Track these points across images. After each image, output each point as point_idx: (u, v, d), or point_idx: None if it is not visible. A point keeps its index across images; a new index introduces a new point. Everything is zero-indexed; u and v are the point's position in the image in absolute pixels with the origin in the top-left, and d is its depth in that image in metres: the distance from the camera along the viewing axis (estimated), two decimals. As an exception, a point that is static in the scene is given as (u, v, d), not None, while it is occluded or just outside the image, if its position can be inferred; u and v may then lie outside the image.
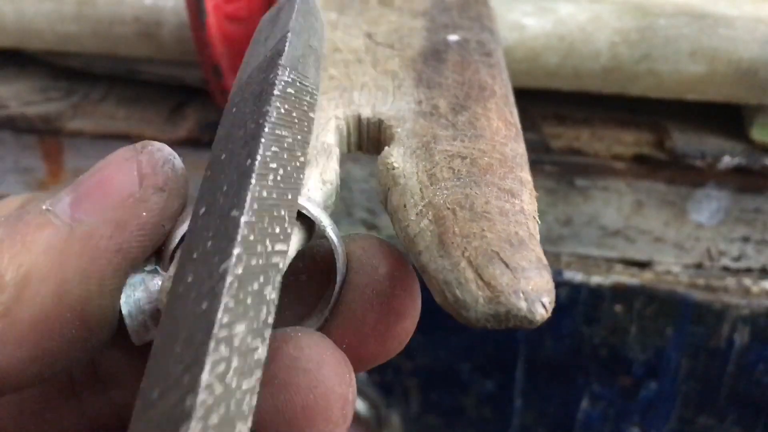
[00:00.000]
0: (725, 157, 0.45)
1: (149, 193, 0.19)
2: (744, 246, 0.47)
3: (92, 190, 0.19)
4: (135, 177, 0.20)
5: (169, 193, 0.20)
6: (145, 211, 0.19)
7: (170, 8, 0.47)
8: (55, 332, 0.19)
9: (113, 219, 0.19)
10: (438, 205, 0.20)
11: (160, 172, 0.20)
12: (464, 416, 0.52)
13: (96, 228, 0.19)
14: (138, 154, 0.20)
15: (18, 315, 0.18)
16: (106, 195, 0.19)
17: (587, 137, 0.48)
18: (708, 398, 0.49)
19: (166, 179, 0.20)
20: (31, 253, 0.18)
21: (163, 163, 0.20)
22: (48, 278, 0.18)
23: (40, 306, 0.18)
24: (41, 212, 0.19)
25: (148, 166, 0.20)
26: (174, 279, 0.17)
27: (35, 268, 0.18)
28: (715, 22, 0.44)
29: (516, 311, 0.17)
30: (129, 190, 0.19)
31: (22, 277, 0.18)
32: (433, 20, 0.32)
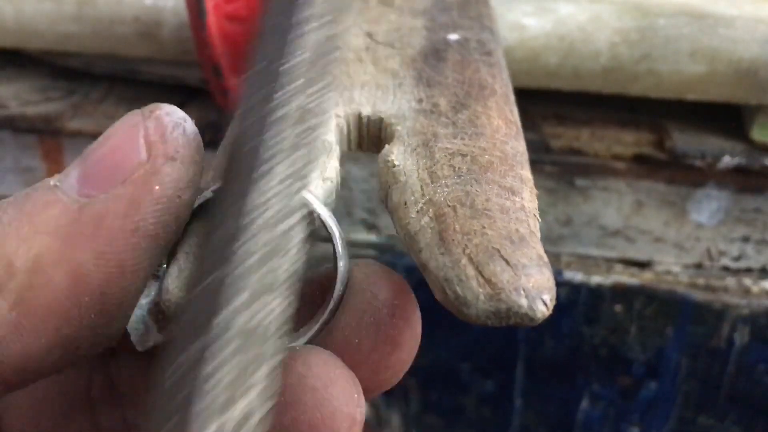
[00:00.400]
0: (725, 157, 0.45)
1: (159, 164, 0.18)
2: (744, 246, 0.47)
3: (100, 162, 0.18)
4: (142, 144, 0.18)
5: (181, 162, 0.18)
6: (158, 183, 0.18)
7: (170, 8, 0.47)
8: (74, 319, 0.18)
9: (124, 195, 0.18)
10: (438, 202, 0.20)
11: (170, 138, 0.18)
12: (464, 416, 0.52)
13: (107, 206, 0.18)
14: (145, 120, 0.18)
15: (32, 303, 0.17)
16: (115, 168, 0.18)
17: (587, 137, 0.48)
18: (708, 398, 0.49)
19: (176, 147, 0.18)
20: (40, 234, 0.17)
21: (172, 128, 0.18)
22: (61, 262, 0.17)
23: (55, 292, 0.17)
24: (49, 188, 0.18)
25: (156, 133, 0.18)
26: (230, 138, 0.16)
27: (46, 251, 0.17)
28: (715, 22, 0.44)
29: (517, 308, 0.17)
30: (136, 160, 0.18)
31: (33, 261, 0.17)
32: (433, 19, 0.32)
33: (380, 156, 0.23)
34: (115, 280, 0.18)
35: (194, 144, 0.19)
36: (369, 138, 0.25)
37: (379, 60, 0.28)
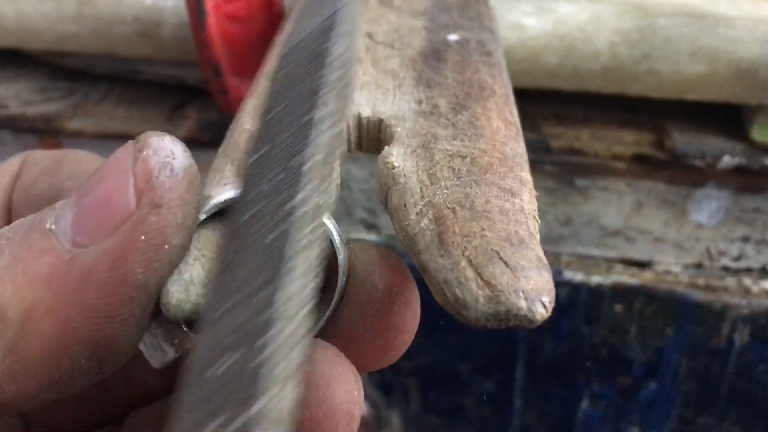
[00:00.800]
0: (725, 157, 0.45)
1: (145, 212, 0.18)
2: (744, 246, 0.47)
3: (91, 209, 0.18)
4: (131, 194, 0.18)
5: (167, 207, 0.18)
6: (143, 234, 0.18)
7: (170, 8, 0.47)
8: (65, 365, 0.18)
9: (111, 248, 0.18)
10: (438, 204, 0.20)
11: (156, 184, 0.18)
12: (464, 416, 0.52)
13: (95, 259, 0.18)
14: (134, 164, 0.18)
15: (24, 351, 0.18)
16: (105, 216, 0.18)
17: (587, 137, 0.48)
18: (708, 398, 0.49)
19: (162, 192, 0.18)
20: (33, 284, 0.18)
21: (159, 171, 0.18)
22: (51, 313, 0.18)
23: (46, 341, 0.18)
24: (44, 233, 0.18)
25: (143, 179, 0.18)
26: (236, 212, 0.17)
27: (38, 301, 0.18)
28: (715, 22, 0.44)
29: (516, 310, 0.17)
30: (126, 212, 0.18)
31: (25, 311, 0.18)
32: (433, 20, 0.32)
33: (380, 157, 0.23)
34: (102, 330, 0.18)
35: (183, 183, 0.18)
36: (369, 139, 0.25)
37: (378, 61, 0.28)
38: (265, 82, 0.21)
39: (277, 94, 0.20)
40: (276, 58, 0.22)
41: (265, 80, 0.22)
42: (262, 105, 0.21)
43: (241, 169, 0.21)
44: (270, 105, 0.20)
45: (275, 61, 0.22)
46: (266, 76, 0.22)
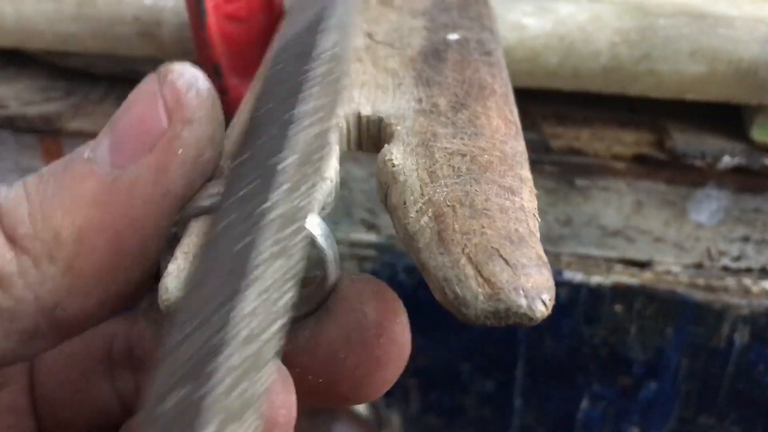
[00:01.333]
0: (725, 157, 0.45)
1: (179, 129, 0.19)
2: (744, 246, 0.47)
3: (127, 132, 0.20)
4: (162, 113, 0.19)
5: (198, 122, 0.19)
6: (181, 147, 0.19)
7: (170, 8, 0.47)
8: (119, 278, 0.19)
9: (152, 163, 0.19)
10: (438, 202, 0.20)
11: (185, 102, 0.19)
12: (464, 416, 0.52)
13: (138, 175, 0.19)
14: (161, 88, 0.20)
15: (80, 269, 0.19)
16: (141, 136, 0.19)
17: (587, 137, 0.48)
18: (708, 398, 0.49)
19: (192, 109, 0.19)
20: (81, 207, 0.19)
21: (186, 90, 0.20)
22: (102, 230, 0.19)
23: (99, 258, 0.19)
24: (84, 161, 0.19)
25: (172, 99, 0.19)
26: (212, 224, 0.17)
27: (88, 221, 0.19)
28: (715, 22, 0.44)
29: (516, 308, 0.17)
30: (160, 128, 0.19)
31: (77, 232, 0.19)
32: (433, 19, 0.32)
33: (380, 156, 0.23)
34: (152, 241, 0.19)
35: (208, 102, 0.20)
36: (368, 138, 0.25)
37: (378, 60, 0.28)
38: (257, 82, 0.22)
39: (265, 94, 0.20)
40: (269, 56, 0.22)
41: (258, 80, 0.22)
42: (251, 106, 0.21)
43: None
44: (257, 105, 0.20)
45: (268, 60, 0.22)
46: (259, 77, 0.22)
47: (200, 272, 0.16)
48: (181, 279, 0.19)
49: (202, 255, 0.17)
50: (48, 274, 0.19)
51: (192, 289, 0.16)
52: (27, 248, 0.19)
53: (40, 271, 0.19)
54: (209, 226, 0.20)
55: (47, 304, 0.19)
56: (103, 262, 0.19)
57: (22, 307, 0.19)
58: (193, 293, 0.16)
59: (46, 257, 0.19)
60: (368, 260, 0.48)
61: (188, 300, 0.16)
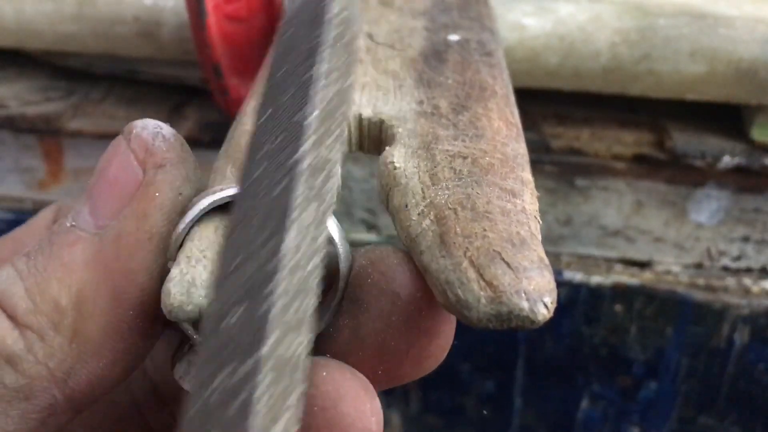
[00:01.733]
0: (725, 157, 0.45)
1: (152, 175, 0.20)
2: (744, 246, 0.47)
3: (104, 194, 0.20)
4: (136, 166, 0.20)
5: (170, 164, 0.20)
6: (157, 191, 0.20)
7: (170, 8, 0.47)
8: (125, 332, 0.20)
9: (132, 212, 0.20)
10: (439, 205, 0.20)
11: (155, 149, 0.20)
12: (464, 416, 0.53)
13: (121, 227, 0.20)
14: (129, 143, 0.21)
15: (86, 332, 0.19)
16: (118, 194, 0.20)
17: (587, 137, 0.48)
18: (708, 398, 0.49)
19: (162, 154, 0.20)
20: (74, 271, 0.19)
21: (152, 139, 0.20)
22: (99, 289, 0.19)
23: (102, 316, 0.19)
24: (67, 230, 0.20)
25: (141, 149, 0.20)
26: (243, 176, 0.18)
27: (84, 284, 0.19)
28: (715, 22, 0.44)
29: (518, 311, 0.17)
30: (136, 181, 0.20)
31: (75, 297, 0.19)
32: (433, 20, 0.32)
33: (381, 158, 0.23)
34: (148, 287, 0.20)
35: (177, 145, 0.21)
36: (369, 139, 0.25)
37: (379, 61, 0.28)
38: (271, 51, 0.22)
39: (279, 59, 0.21)
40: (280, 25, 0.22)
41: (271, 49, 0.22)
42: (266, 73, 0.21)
43: None
44: (272, 71, 0.20)
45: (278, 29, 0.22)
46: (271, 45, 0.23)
47: (237, 219, 0.17)
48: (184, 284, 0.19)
49: (236, 207, 0.18)
50: (55, 345, 0.19)
51: (231, 233, 0.17)
52: (30, 324, 0.19)
53: (47, 343, 0.19)
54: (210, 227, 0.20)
55: (60, 376, 0.19)
56: (107, 321, 0.19)
57: (36, 383, 0.19)
58: (236, 235, 0.17)
59: (50, 328, 0.19)
60: (368, 260, 0.48)
61: (231, 242, 0.16)
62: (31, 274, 0.20)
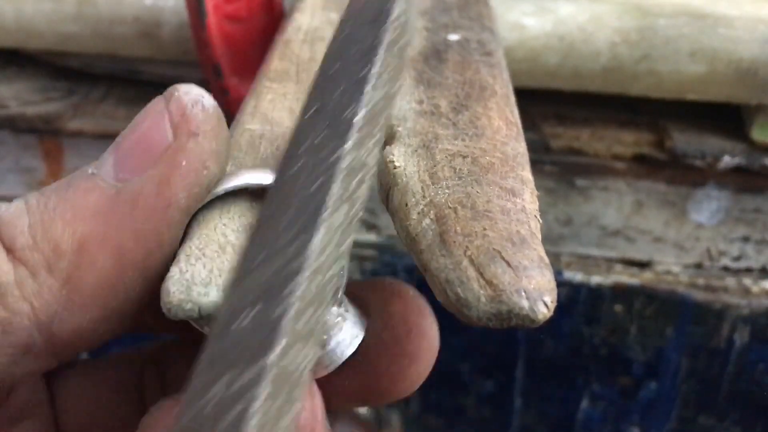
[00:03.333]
0: (725, 157, 0.45)
1: (184, 141, 0.19)
2: (744, 246, 0.47)
3: (132, 148, 0.20)
4: (168, 128, 0.20)
5: (203, 135, 0.20)
6: (184, 159, 0.19)
7: (170, 8, 0.47)
8: (120, 293, 0.19)
9: (156, 175, 0.19)
10: (439, 204, 0.20)
11: (191, 116, 0.20)
12: (464, 416, 0.53)
13: (141, 187, 0.19)
14: (168, 104, 0.20)
15: (80, 281, 0.19)
16: (145, 151, 0.20)
17: (587, 137, 0.48)
18: (708, 398, 0.49)
19: (197, 123, 0.20)
20: (82, 218, 0.19)
21: (192, 105, 0.20)
22: (104, 242, 0.19)
23: (100, 270, 0.19)
24: (87, 176, 0.20)
25: (178, 113, 0.20)
26: (280, 168, 0.18)
27: (90, 233, 0.19)
28: (715, 22, 0.44)
29: (518, 310, 0.17)
30: (165, 142, 0.20)
31: (78, 243, 0.19)
32: (433, 20, 0.32)
33: (381, 157, 0.23)
34: (155, 254, 0.19)
35: (214, 117, 0.20)
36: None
37: (379, 61, 0.28)
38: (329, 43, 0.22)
39: (333, 56, 0.20)
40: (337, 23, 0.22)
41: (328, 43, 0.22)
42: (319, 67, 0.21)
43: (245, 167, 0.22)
44: (324, 67, 0.20)
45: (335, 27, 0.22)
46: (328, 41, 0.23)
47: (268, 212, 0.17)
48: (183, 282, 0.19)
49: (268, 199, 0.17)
50: (45, 285, 0.19)
51: (259, 226, 0.17)
52: (25, 259, 0.19)
53: (37, 282, 0.19)
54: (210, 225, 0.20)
55: (43, 317, 0.19)
56: (104, 275, 0.19)
57: (17, 319, 0.19)
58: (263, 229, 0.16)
59: (44, 268, 0.19)
60: (368, 260, 0.48)
61: (257, 237, 0.16)
62: (39, 210, 0.19)
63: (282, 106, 0.26)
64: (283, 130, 0.24)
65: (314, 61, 0.29)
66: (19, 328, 0.19)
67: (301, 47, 0.30)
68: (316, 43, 0.31)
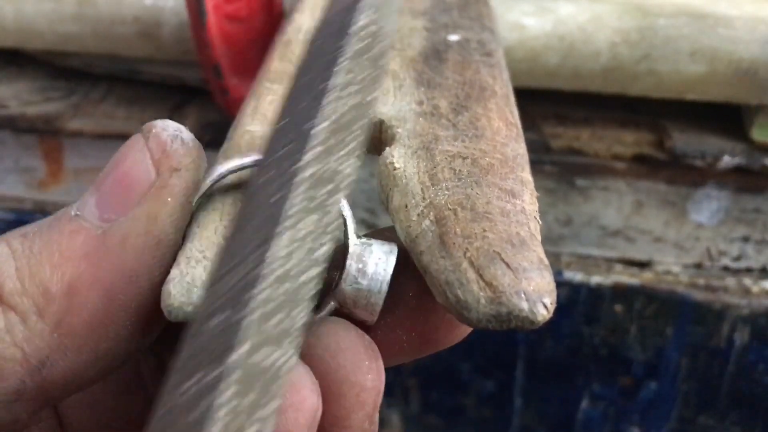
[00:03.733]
0: (725, 157, 0.45)
1: (167, 177, 0.19)
2: (744, 246, 0.47)
3: (114, 188, 0.20)
4: (150, 165, 0.20)
5: (185, 169, 0.20)
6: (170, 196, 0.19)
7: (170, 8, 0.47)
8: (110, 333, 0.19)
9: (143, 214, 0.19)
10: (439, 205, 0.20)
11: (171, 151, 0.20)
12: (464, 416, 0.53)
13: (129, 227, 0.19)
14: (147, 141, 0.20)
15: (71, 324, 0.19)
16: (128, 190, 0.19)
17: (587, 137, 0.48)
18: (708, 398, 0.49)
19: (178, 158, 0.20)
20: (71, 261, 0.19)
21: (171, 141, 0.20)
22: (94, 284, 0.19)
23: (91, 312, 0.19)
24: (70, 218, 0.19)
25: (158, 150, 0.20)
26: (251, 179, 0.18)
27: (79, 275, 0.19)
28: (715, 22, 0.44)
29: (517, 312, 0.17)
30: (148, 180, 0.19)
31: (67, 285, 0.19)
32: (433, 20, 0.32)
33: (381, 158, 0.23)
34: (145, 292, 0.19)
35: (194, 151, 0.20)
36: (369, 140, 0.25)
37: (379, 61, 0.28)
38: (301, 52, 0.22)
39: (302, 69, 0.20)
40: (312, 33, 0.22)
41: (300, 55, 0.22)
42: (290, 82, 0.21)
43: None
44: (295, 80, 0.20)
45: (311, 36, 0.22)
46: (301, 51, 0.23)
47: (238, 222, 0.17)
48: (184, 285, 0.19)
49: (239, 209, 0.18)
50: (36, 331, 0.18)
51: (231, 235, 0.17)
52: (14, 304, 0.18)
53: (27, 327, 0.18)
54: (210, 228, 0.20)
55: (35, 362, 0.18)
56: (95, 318, 0.19)
57: (8, 365, 0.18)
58: (233, 238, 0.16)
59: (34, 313, 0.18)
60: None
61: (227, 245, 0.16)
62: (25, 255, 0.19)
63: (282, 106, 0.26)
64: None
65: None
66: (9, 375, 0.18)
67: (301, 48, 0.30)
68: (316, 44, 0.31)
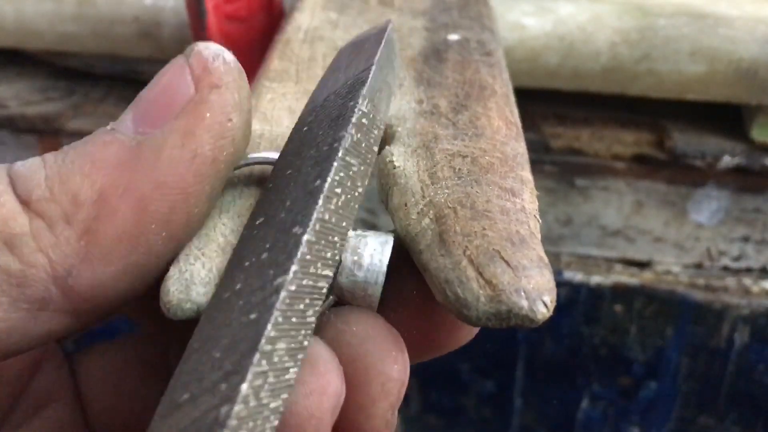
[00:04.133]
0: (725, 157, 0.45)
1: (206, 93, 0.19)
2: (744, 246, 0.47)
3: (152, 103, 0.19)
4: (189, 81, 0.19)
5: (225, 87, 0.19)
6: (208, 111, 0.19)
7: (170, 8, 0.47)
8: (141, 246, 0.18)
9: (180, 127, 0.19)
10: (439, 204, 0.20)
11: (212, 68, 0.19)
12: (464, 416, 0.52)
13: (164, 138, 0.19)
14: (188, 58, 0.20)
15: (98, 232, 0.18)
16: (166, 105, 0.19)
17: (587, 137, 0.48)
18: (708, 398, 0.49)
19: (219, 75, 0.19)
20: (102, 170, 0.18)
21: (213, 59, 0.20)
22: (125, 193, 0.18)
23: (120, 222, 0.18)
24: (106, 131, 0.19)
25: (199, 66, 0.19)
26: (220, 284, 0.17)
27: (110, 184, 0.18)
28: (715, 22, 0.44)
29: (517, 310, 0.17)
30: (187, 95, 0.19)
31: (97, 194, 0.18)
32: (433, 20, 0.32)
33: (380, 157, 0.23)
34: (179, 206, 0.19)
35: (235, 70, 0.20)
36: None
37: (379, 60, 0.28)
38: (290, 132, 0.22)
39: (287, 157, 0.20)
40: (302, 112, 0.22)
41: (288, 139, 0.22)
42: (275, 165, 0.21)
43: None
44: (277, 170, 0.20)
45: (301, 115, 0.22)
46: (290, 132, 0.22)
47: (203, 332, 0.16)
48: (183, 282, 0.19)
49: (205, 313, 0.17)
50: (63, 237, 0.18)
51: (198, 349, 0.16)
52: (41, 210, 0.18)
53: (54, 233, 0.18)
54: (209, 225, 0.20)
55: (60, 270, 0.18)
56: (125, 227, 0.18)
57: (33, 271, 0.18)
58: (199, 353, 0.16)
59: (62, 219, 0.18)
60: (368, 260, 0.48)
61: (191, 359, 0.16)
62: (57, 164, 0.18)
63: (281, 105, 0.26)
64: (283, 130, 0.24)
65: (314, 61, 0.29)
66: (35, 281, 0.18)
67: (300, 47, 0.30)
68: (315, 43, 0.31)
